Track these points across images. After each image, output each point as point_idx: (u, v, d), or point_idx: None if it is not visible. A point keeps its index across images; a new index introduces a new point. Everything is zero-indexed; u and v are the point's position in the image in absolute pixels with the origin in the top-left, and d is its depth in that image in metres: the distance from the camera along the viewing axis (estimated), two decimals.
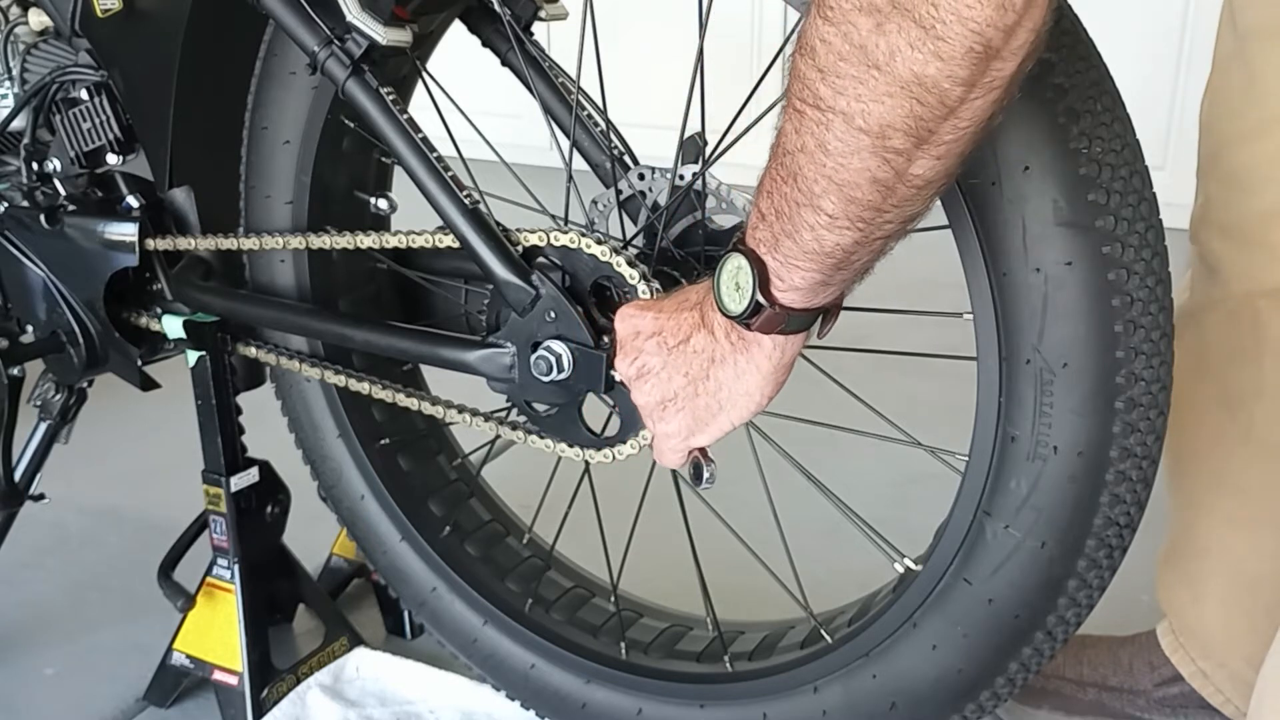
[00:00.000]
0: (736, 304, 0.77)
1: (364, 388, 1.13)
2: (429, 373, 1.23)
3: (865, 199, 0.67)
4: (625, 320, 0.89)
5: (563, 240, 0.97)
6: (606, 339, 0.95)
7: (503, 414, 1.07)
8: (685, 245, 0.99)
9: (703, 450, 0.90)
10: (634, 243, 0.99)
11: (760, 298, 0.75)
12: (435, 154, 1.00)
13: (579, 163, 1.05)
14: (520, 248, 0.99)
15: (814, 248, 0.71)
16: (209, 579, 1.26)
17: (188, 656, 1.27)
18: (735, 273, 0.77)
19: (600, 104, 1.08)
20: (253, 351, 1.21)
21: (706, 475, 0.91)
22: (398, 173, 1.10)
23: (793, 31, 0.69)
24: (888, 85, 0.62)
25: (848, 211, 0.68)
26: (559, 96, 1.08)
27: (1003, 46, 0.60)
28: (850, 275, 0.74)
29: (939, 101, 0.62)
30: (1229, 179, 1.09)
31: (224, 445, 1.22)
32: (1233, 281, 1.10)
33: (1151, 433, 0.84)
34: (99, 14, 1.16)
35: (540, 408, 1.02)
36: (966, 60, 0.60)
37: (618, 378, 0.92)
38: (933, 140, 0.64)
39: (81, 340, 1.28)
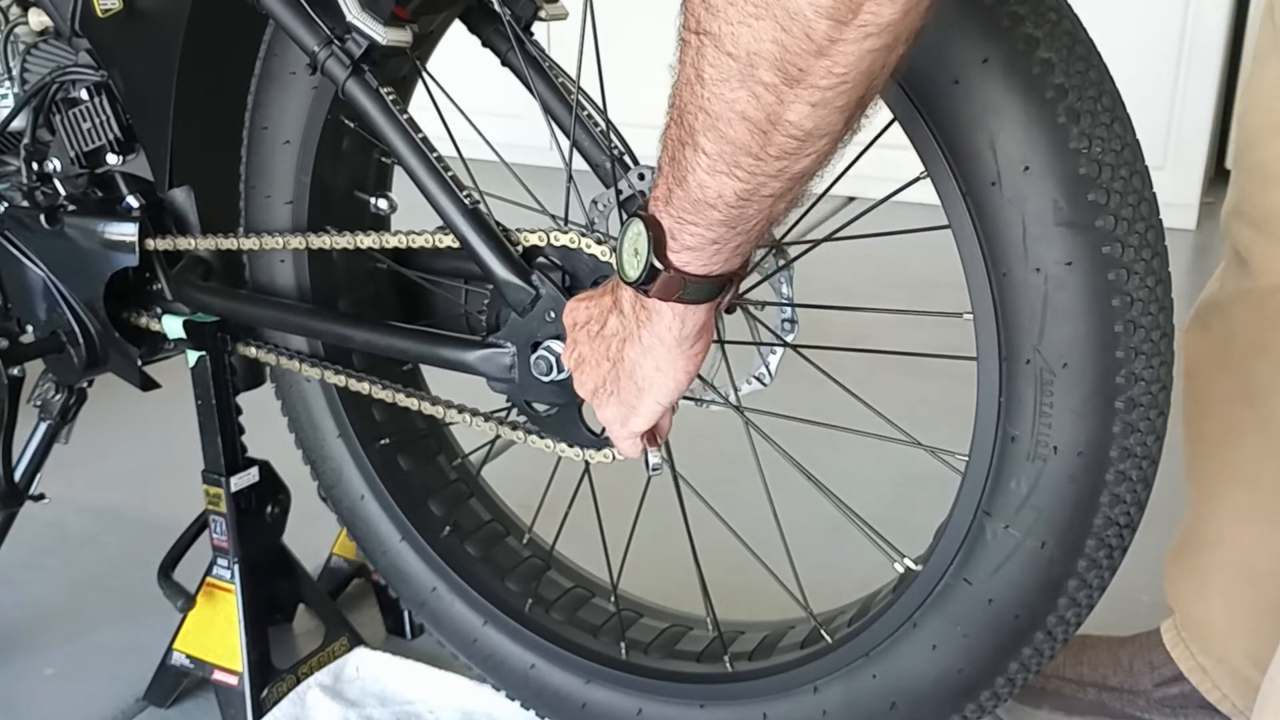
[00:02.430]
0: (634, 269, 0.78)
1: (364, 388, 1.13)
2: (429, 373, 1.23)
3: (739, 139, 0.67)
4: (567, 313, 0.91)
5: (563, 240, 0.97)
6: None
7: (503, 414, 1.07)
8: None
9: (650, 436, 0.91)
10: None
11: (655, 260, 0.76)
12: (435, 154, 1.00)
13: (579, 163, 1.05)
14: (520, 248, 0.99)
15: (699, 195, 0.72)
16: (209, 579, 1.26)
17: (188, 656, 1.27)
18: (635, 239, 0.78)
19: (600, 104, 1.08)
20: (253, 351, 1.21)
21: (652, 463, 0.92)
22: (398, 173, 1.10)
23: None
24: (755, 6, 0.62)
25: (723, 152, 0.69)
26: (559, 96, 1.08)
27: None
28: (743, 239, 0.75)
29: (804, 33, 0.61)
30: (1258, 171, 1.09)
31: (224, 445, 1.22)
32: (1260, 274, 1.10)
33: (1151, 433, 0.84)
34: (99, 14, 1.16)
35: (540, 408, 1.02)
36: None
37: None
38: (805, 82, 0.64)
39: (81, 340, 1.28)
